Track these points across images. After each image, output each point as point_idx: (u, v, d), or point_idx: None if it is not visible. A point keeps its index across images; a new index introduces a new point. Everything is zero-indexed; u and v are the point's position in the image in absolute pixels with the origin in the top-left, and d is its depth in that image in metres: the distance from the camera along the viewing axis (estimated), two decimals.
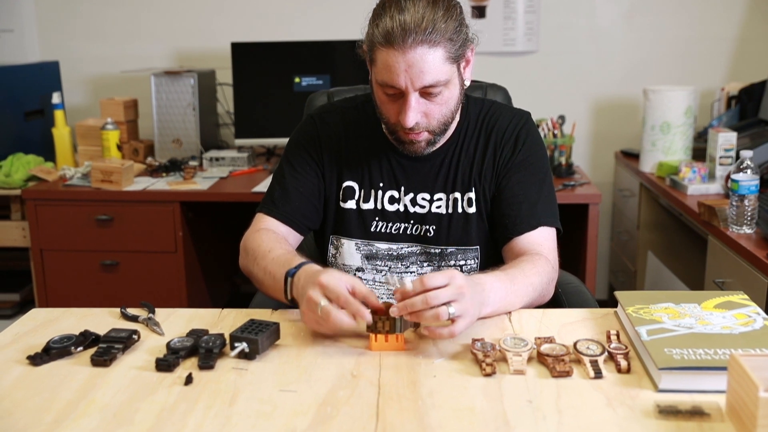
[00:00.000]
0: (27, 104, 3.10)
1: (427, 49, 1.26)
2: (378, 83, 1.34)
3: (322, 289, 1.12)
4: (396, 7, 1.27)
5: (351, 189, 1.48)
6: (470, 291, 1.11)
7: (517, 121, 1.48)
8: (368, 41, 1.32)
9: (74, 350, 1.12)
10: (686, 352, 1.00)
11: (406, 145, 1.40)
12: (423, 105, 1.33)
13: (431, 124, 1.36)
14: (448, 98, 1.34)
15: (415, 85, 1.29)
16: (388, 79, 1.30)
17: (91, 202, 2.70)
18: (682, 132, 2.67)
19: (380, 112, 1.40)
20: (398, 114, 1.34)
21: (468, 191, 1.45)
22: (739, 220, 1.97)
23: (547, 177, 1.47)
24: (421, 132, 1.36)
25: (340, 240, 1.49)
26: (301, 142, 1.51)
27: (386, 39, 1.27)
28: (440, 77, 1.29)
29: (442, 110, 1.35)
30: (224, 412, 0.95)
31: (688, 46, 3.19)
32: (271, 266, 1.29)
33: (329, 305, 1.11)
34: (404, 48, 1.26)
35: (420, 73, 1.27)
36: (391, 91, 1.32)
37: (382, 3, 1.31)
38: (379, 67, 1.31)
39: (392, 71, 1.28)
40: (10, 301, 3.13)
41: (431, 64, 1.27)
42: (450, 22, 1.28)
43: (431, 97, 1.32)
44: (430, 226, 1.45)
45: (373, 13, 1.32)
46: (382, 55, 1.29)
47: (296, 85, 3.04)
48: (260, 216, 1.46)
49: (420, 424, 0.91)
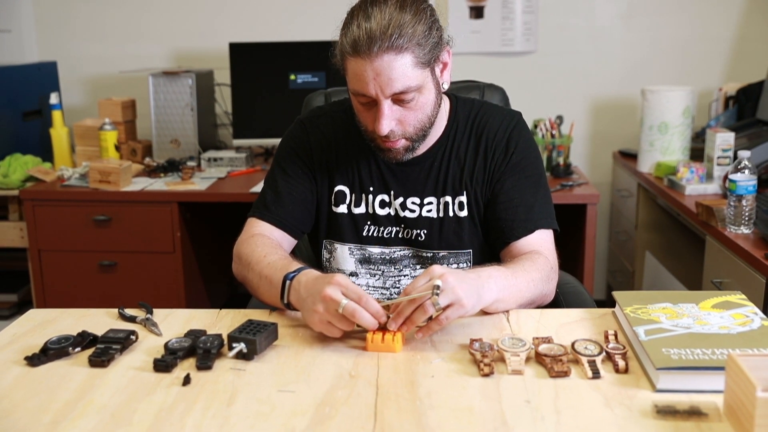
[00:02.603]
0: (25, 104, 3.10)
1: (394, 56, 1.25)
2: (351, 92, 1.33)
3: (342, 289, 1.12)
4: (363, 15, 1.27)
5: (342, 193, 1.47)
6: (454, 278, 1.11)
7: (508, 122, 1.46)
8: (339, 51, 1.31)
9: (72, 351, 1.12)
10: (684, 352, 1.00)
11: (385, 152, 1.39)
12: (397, 112, 1.31)
13: (407, 130, 1.34)
14: (423, 104, 1.33)
15: (386, 93, 1.27)
16: (359, 88, 1.29)
17: (89, 203, 2.70)
18: (680, 132, 2.67)
19: (358, 121, 1.39)
20: (373, 122, 1.33)
21: (459, 195, 1.44)
22: (736, 220, 1.97)
23: (541, 178, 1.46)
24: (398, 139, 1.35)
25: (334, 245, 1.48)
26: (292, 147, 1.50)
27: (353, 48, 1.26)
28: (410, 83, 1.27)
29: (417, 116, 1.33)
30: (222, 412, 0.95)
31: (686, 46, 3.19)
32: (267, 270, 1.28)
33: (352, 303, 1.11)
34: (371, 56, 1.24)
35: (389, 81, 1.26)
36: (364, 99, 1.31)
37: (351, 12, 1.31)
38: (350, 76, 1.30)
39: (361, 80, 1.27)
40: (8, 301, 3.13)
41: (399, 71, 1.26)
42: (418, 26, 1.26)
43: (404, 104, 1.31)
44: (421, 230, 1.45)
45: (343, 22, 1.31)
46: (351, 64, 1.28)
47: (291, 83, 3.03)
48: (253, 221, 1.45)
49: (418, 424, 0.91)
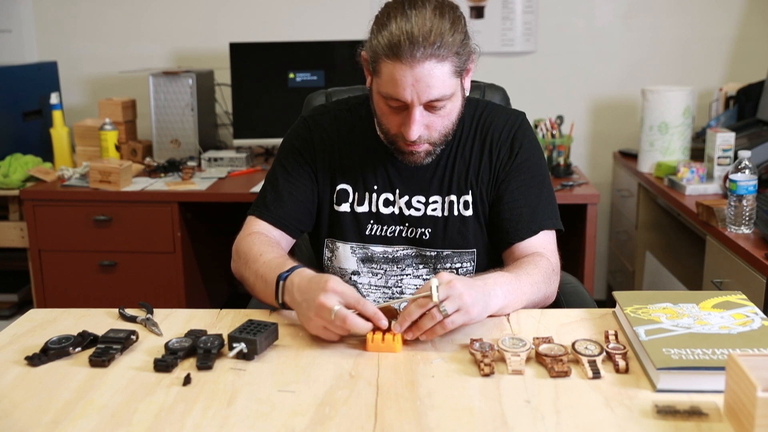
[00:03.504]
0: (25, 104, 3.10)
1: (435, 64, 1.23)
2: (381, 95, 1.31)
3: (339, 295, 1.11)
4: (402, 16, 1.23)
5: (345, 192, 1.47)
6: (462, 285, 1.11)
7: (513, 122, 1.46)
8: (371, 52, 1.28)
9: (72, 351, 1.12)
10: (684, 352, 1.00)
11: (406, 155, 1.37)
12: (426, 118, 1.30)
13: (433, 136, 1.34)
14: (451, 110, 1.33)
15: (422, 99, 1.26)
16: (394, 92, 1.26)
17: (90, 203, 2.70)
18: (680, 132, 2.67)
19: (380, 122, 1.38)
20: (400, 125, 1.32)
21: (464, 194, 1.44)
22: (737, 220, 1.97)
23: (545, 178, 1.46)
24: (423, 143, 1.34)
25: (335, 243, 1.48)
26: (294, 145, 1.49)
27: (393, 51, 1.22)
28: (446, 91, 1.27)
29: (444, 122, 1.33)
30: (222, 412, 0.95)
31: (687, 46, 3.19)
32: (263, 270, 1.28)
33: (343, 309, 1.10)
34: (412, 62, 1.22)
35: (427, 88, 1.24)
36: (395, 104, 1.29)
37: (386, 11, 1.27)
38: (384, 79, 1.27)
39: (399, 85, 1.25)
40: (9, 301, 3.13)
41: (439, 79, 1.24)
42: (457, 35, 1.25)
43: (435, 110, 1.30)
44: (426, 229, 1.44)
45: (376, 21, 1.28)
46: (387, 67, 1.25)
47: (291, 81, 3.02)
48: (252, 219, 1.45)
49: (418, 424, 0.91)
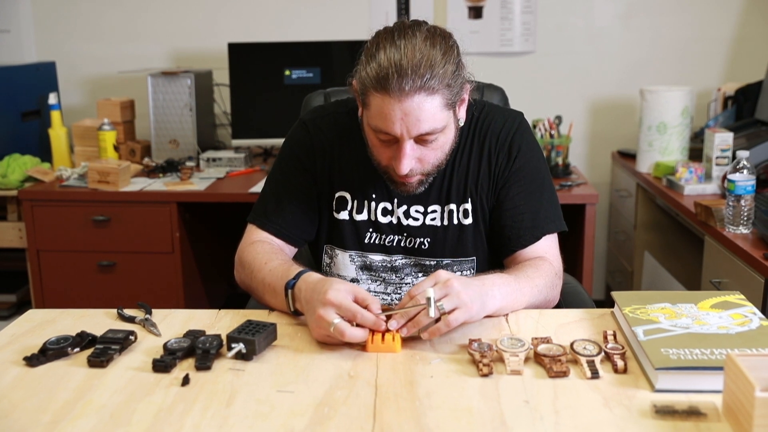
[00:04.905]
0: (24, 105, 3.09)
1: (425, 97, 1.18)
2: (371, 128, 1.27)
3: (335, 308, 1.10)
4: (391, 46, 1.18)
5: (344, 199, 1.44)
6: (459, 284, 1.11)
7: (510, 125, 1.42)
8: (360, 83, 1.23)
9: (71, 351, 1.12)
10: (683, 352, 1.00)
11: (398, 185, 1.34)
12: (417, 151, 1.26)
13: (425, 168, 1.30)
14: (444, 143, 1.29)
15: (411, 134, 1.22)
16: (383, 126, 1.22)
17: (88, 203, 2.70)
18: (678, 132, 2.67)
19: (371, 153, 1.34)
20: (391, 158, 1.28)
21: (464, 202, 1.41)
22: (735, 220, 1.97)
23: (546, 179, 1.43)
24: (415, 175, 1.31)
25: (335, 250, 1.46)
26: (294, 151, 1.46)
27: (381, 84, 1.18)
28: (437, 125, 1.22)
29: (436, 155, 1.30)
30: (221, 412, 0.95)
31: (685, 46, 3.20)
32: (269, 278, 1.27)
33: (342, 323, 1.09)
34: (401, 95, 1.17)
35: (417, 122, 1.20)
36: (385, 137, 1.25)
37: (375, 40, 1.22)
38: (373, 112, 1.23)
39: (387, 119, 1.20)
40: (7, 302, 3.13)
41: (429, 113, 1.20)
42: (448, 66, 1.20)
43: (426, 144, 1.26)
44: (425, 239, 1.42)
45: (366, 51, 1.23)
46: (376, 100, 1.21)
47: (286, 78, 3.01)
48: (253, 228, 1.43)
49: (417, 425, 0.91)
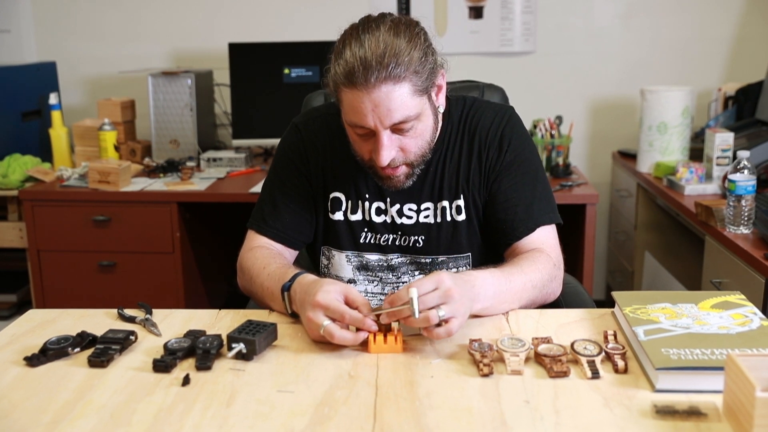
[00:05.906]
0: (24, 105, 3.09)
1: (392, 86, 1.21)
2: (347, 123, 1.30)
3: (323, 310, 1.11)
4: (356, 42, 1.21)
5: (338, 200, 1.45)
6: (459, 291, 1.11)
7: (500, 119, 1.43)
8: (332, 81, 1.26)
9: (71, 351, 1.12)
10: (683, 352, 1.00)
11: (385, 180, 1.36)
12: (397, 141, 1.29)
13: (408, 157, 1.32)
14: (422, 130, 1.30)
15: (385, 124, 1.24)
16: (356, 120, 1.25)
17: (89, 203, 2.70)
18: (679, 132, 2.67)
19: (354, 150, 1.36)
20: (371, 152, 1.30)
21: (456, 198, 1.42)
22: (736, 220, 1.97)
23: (538, 172, 1.43)
24: (399, 166, 1.32)
25: (332, 251, 1.47)
26: (288, 155, 1.48)
27: (348, 79, 1.21)
28: (409, 112, 1.24)
29: (417, 143, 1.31)
30: (222, 412, 0.95)
31: (686, 46, 3.19)
32: (268, 282, 1.29)
33: (331, 325, 1.10)
34: (367, 87, 1.20)
35: (388, 112, 1.22)
36: (361, 131, 1.28)
37: (342, 38, 1.25)
38: (346, 108, 1.26)
39: (358, 112, 1.23)
40: (8, 302, 3.13)
41: (398, 101, 1.22)
42: (414, 53, 1.22)
43: (404, 132, 1.28)
44: (419, 237, 1.43)
45: (334, 50, 1.26)
46: (347, 96, 1.24)
47: (285, 77, 3.01)
48: (252, 234, 1.44)
49: (417, 425, 0.91)
